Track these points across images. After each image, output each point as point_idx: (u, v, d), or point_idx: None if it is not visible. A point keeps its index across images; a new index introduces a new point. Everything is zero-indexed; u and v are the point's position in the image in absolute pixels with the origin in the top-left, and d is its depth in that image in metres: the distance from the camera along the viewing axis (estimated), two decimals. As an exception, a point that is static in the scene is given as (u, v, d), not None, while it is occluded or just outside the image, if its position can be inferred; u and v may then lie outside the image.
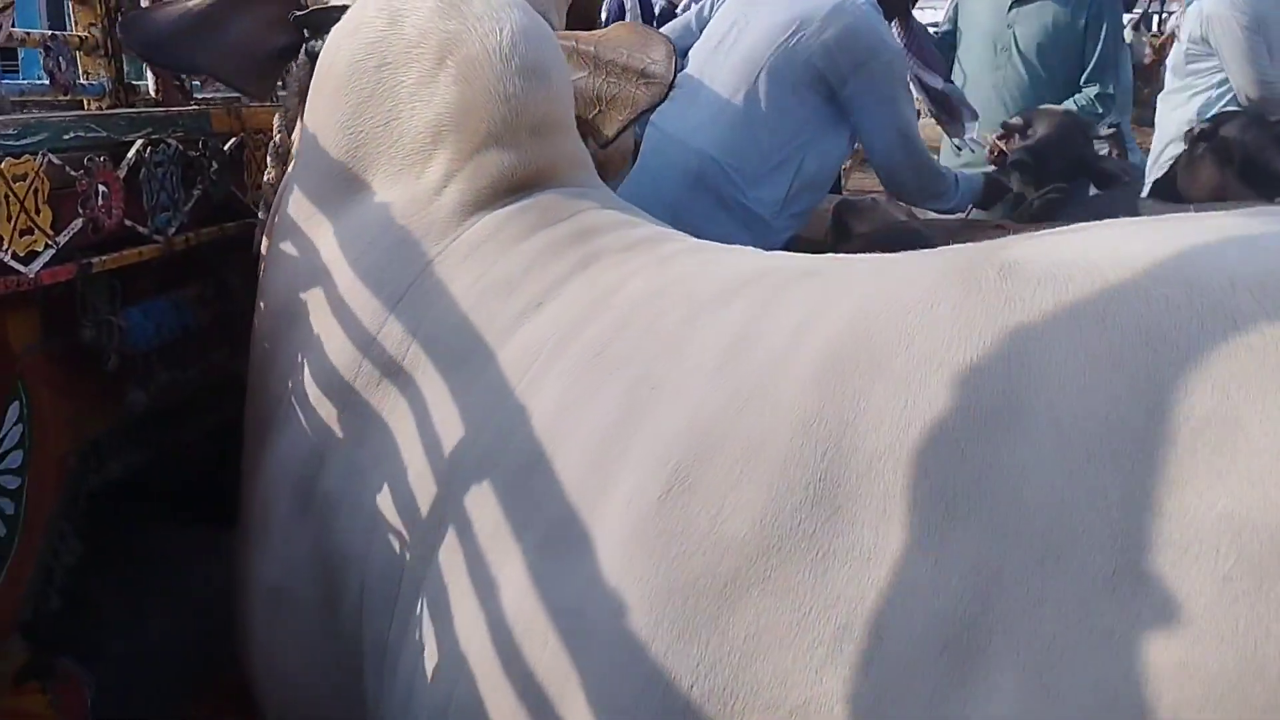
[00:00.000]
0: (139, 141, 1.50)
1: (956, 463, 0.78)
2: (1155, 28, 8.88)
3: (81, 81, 1.71)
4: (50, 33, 1.66)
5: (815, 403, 0.88)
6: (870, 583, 0.80)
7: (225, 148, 1.70)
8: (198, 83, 1.88)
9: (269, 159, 1.62)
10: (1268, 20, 4.24)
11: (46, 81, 1.64)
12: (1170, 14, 8.63)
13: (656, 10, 5.91)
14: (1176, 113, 4.38)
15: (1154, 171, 3.88)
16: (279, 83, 1.70)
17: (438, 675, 1.07)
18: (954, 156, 3.85)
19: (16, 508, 1.38)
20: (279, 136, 1.61)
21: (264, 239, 1.57)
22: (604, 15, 4.92)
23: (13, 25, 1.52)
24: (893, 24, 3.02)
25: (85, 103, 1.73)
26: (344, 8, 1.49)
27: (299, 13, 1.56)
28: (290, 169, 1.53)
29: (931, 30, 4.00)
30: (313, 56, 1.51)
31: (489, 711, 0.99)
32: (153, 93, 1.76)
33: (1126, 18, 5.70)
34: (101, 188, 1.40)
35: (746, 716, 0.84)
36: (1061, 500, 0.73)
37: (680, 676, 0.87)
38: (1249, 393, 0.69)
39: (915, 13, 3.27)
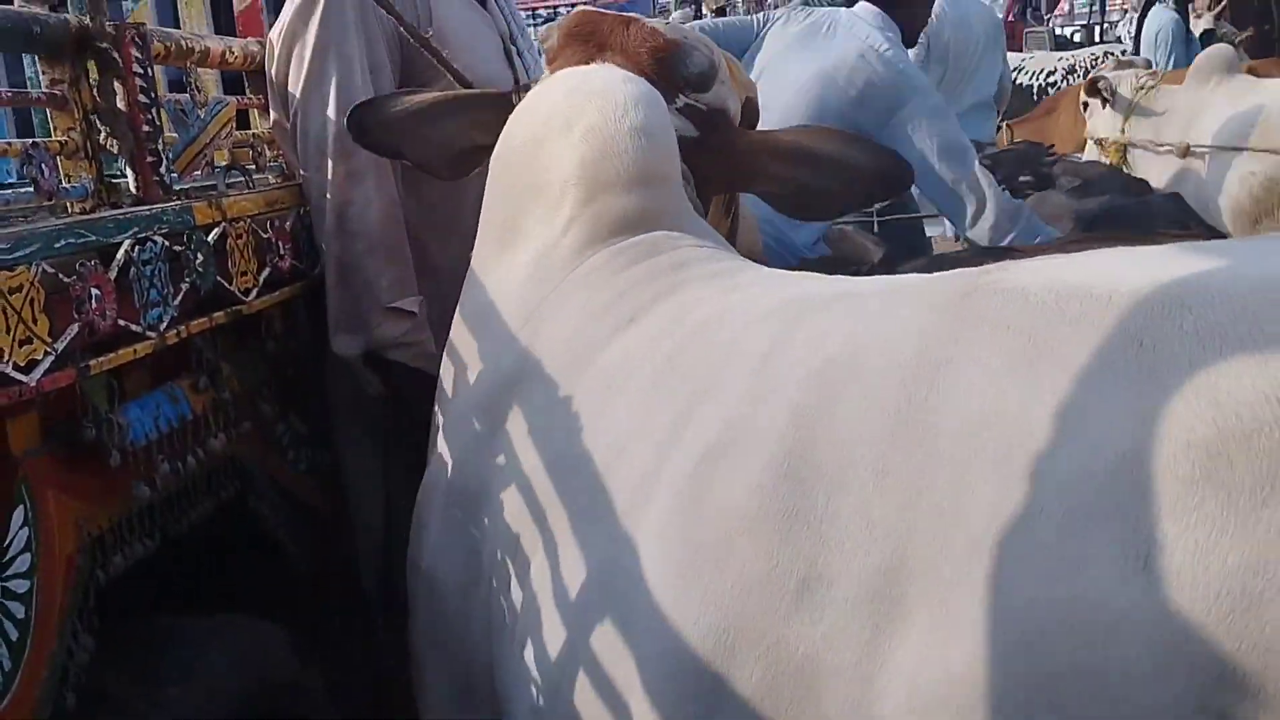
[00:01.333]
0: (127, 242, 1.54)
1: (889, 446, 0.98)
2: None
3: (64, 185, 1.74)
4: (31, 140, 1.69)
5: (806, 398, 1.09)
6: (823, 542, 1.00)
7: (209, 238, 1.74)
8: (176, 174, 1.92)
9: None
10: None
11: (27, 188, 1.68)
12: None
13: None
14: None
15: None
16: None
17: (540, 641, 1.31)
18: None
19: (27, 611, 1.39)
20: None
21: None
22: None
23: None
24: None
25: (68, 206, 1.77)
26: None
27: None
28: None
29: None
30: None
31: (576, 658, 1.22)
32: (134, 189, 1.80)
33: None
34: (95, 291, 1.43)
35: (738, 651, 1.04)
36: (963, 476, 0.92)
37: (689, 612, 1.09)
38: (1100, 386, 0.88)
39: None
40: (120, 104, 1.74)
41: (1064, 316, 0.95)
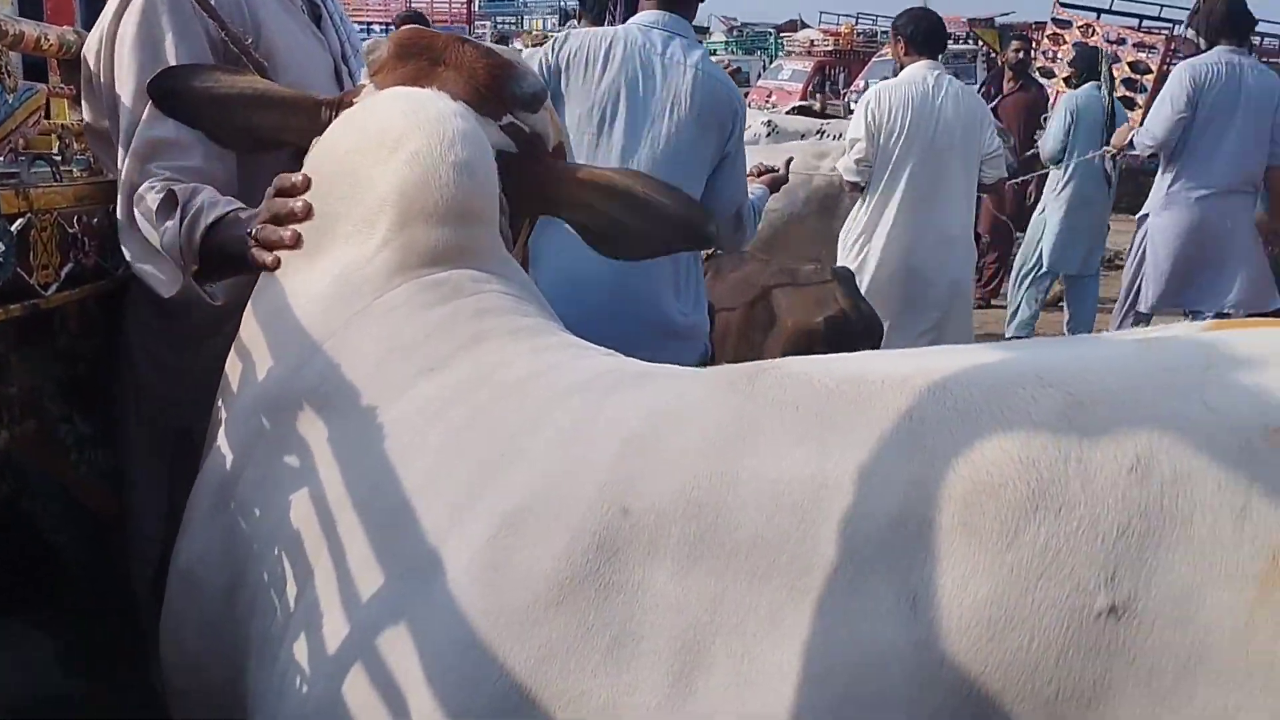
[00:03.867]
0: (-76, 226, 1.47)
1: (694, 517, 1.07)
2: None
3: None
4: None
5: (612, 473, 1.15)
6: (638, 607, 1.07)
7: (12, 228, 1.67)
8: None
9: None
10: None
11: None
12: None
13: None
14: None
15: None
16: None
17: (306, 674, 1.27)
18: None
19: None
20: None
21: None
22: None
23: None
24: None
25: None
26: None
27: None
28: None
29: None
30: None
31: (347, 706, 1.20)
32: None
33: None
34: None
35: (538, 705, 1.08)
36: (763, 538, 1.03)
37: (495, 676, 1.11)
38: (878, 455, 1.02)
39: None
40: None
41: (845, 397, 1.09)
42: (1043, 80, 12.52)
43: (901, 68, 5.02)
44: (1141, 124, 5.89)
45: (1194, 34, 7.42)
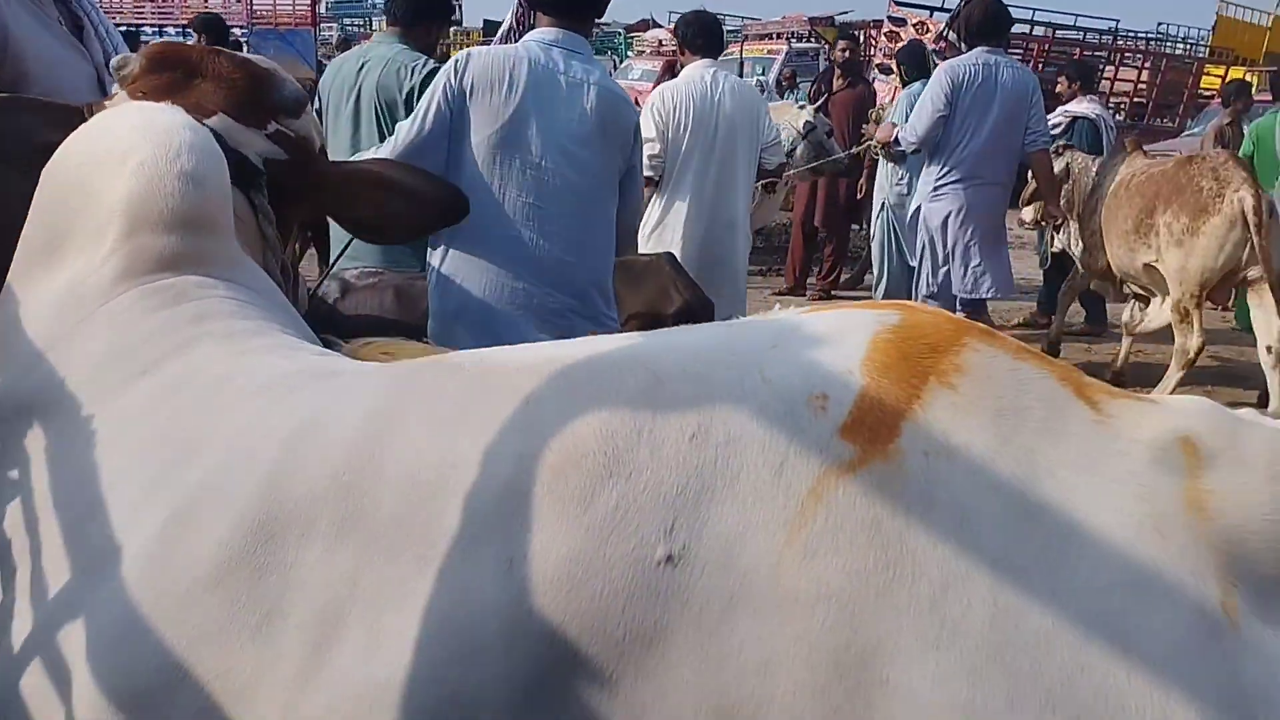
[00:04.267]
0: None
1: (343, 499, 1.17)
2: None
3: None
4: None
5: (275, 462, 1.23)
6: (288, 586, 1.15)
7: None
8: None
9: None
10: None
11: None
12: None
13: None
14: None
15: None
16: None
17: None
18: None
19: None
20: None
21: None
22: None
23: None
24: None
25: None
26: None
27: None
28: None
29: None
30: None
31: (23, 699, 1.27)
32: None
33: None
34: None
35: (185, 682, 1.16)
36: (399, 516, 1.13)
37: (152, 657, 1.18)
38: (495, 431, 1.13)
39: None
40: None
41: (482, 384, 1.21)
42: (882, 77, 12.96)
43: (682, 67, 5.24)
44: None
45: (954, 37, 8.00)
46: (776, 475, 1.00)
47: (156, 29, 17.98)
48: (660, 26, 26.98)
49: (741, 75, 14.18)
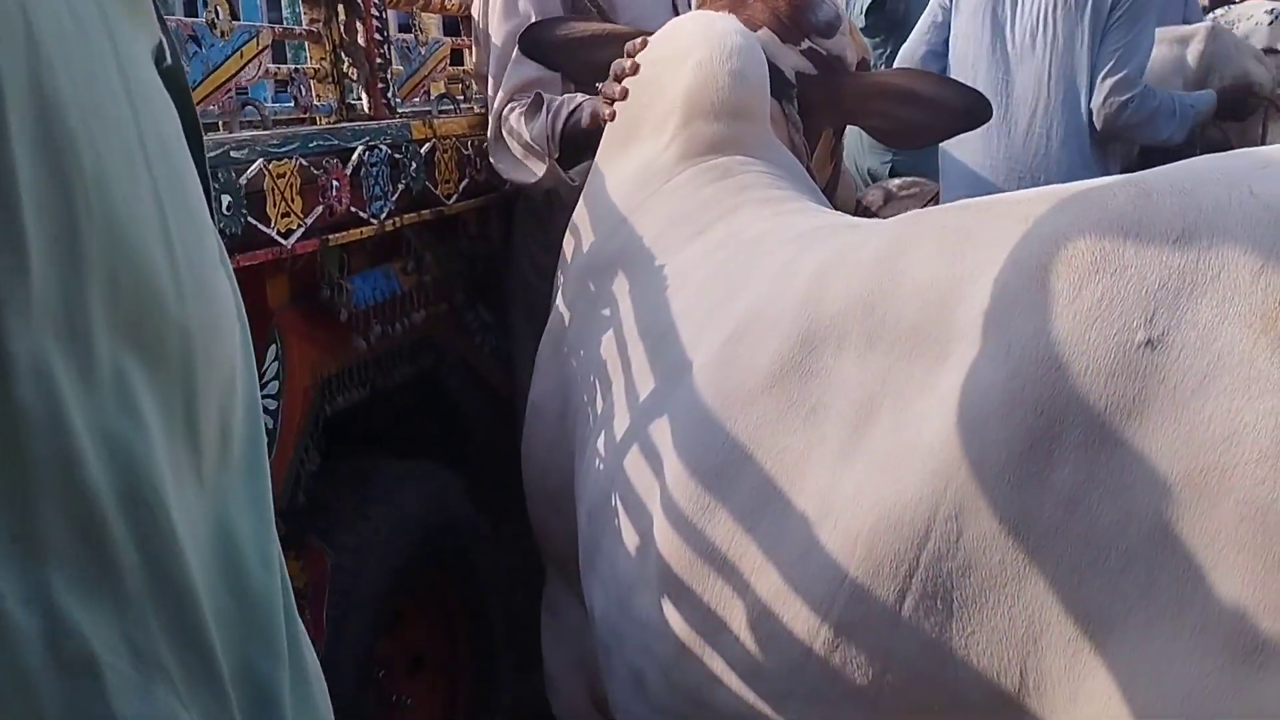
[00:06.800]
0: (360, 147, 1.98)
1: (869, 314, 1.35)
2: None
3: (315, 103, 2.23)
4: (293, 67, 2.18)
5: (809, 289, 1.45)
6: (828, 386, 1.37)
7: (422, 151, 2.20)
8: (399, 100, 2.39)
9: None
10: None
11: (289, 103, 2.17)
12: None
13: None
14: None
15: None
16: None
17: (601, 456, 1.70)
18: None
19: (275, 424, 1.84)
20: None
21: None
22: None
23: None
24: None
25: (317, 119, 2.24)
26: None
27: None
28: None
29: None
30: None
31: (625, 474, 1.60)
32: (367, 110, 2.26)
33: None
34: (335, 182, 1.89)
35: (745, 463, 1.40)
36: (917, 325, 1.31)
37: (723, 439, 1.44)
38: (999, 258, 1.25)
39: None
40: (360, 40, 2.18)
41: (988, 211, 1.35)
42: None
43: None
44: None
45: None
46: (1256, 277, 1.06)
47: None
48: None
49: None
